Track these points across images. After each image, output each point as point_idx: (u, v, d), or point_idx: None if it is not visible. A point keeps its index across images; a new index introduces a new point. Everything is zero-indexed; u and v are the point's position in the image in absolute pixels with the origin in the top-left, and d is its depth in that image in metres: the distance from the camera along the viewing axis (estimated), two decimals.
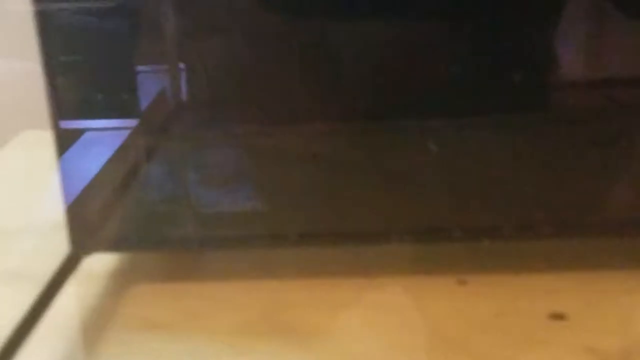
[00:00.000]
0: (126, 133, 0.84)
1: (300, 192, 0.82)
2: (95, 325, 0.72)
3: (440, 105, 0.79)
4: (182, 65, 0.82)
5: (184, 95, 0.83)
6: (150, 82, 0.82)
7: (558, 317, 0.69)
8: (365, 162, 0.82)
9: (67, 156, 0.80)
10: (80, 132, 0.82)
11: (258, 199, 0.83)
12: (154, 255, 0.83)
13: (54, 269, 0.77)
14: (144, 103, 0.82)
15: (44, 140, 0.79)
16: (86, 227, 0.81)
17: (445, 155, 0.81)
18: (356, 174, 0.82)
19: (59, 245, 0.79)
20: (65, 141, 0.80)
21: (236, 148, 0.85)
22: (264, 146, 0.85)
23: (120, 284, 0.78)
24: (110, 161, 0.84)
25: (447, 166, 0.81)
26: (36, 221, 0.87)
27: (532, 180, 0.80)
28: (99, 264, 0.80)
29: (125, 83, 0.80)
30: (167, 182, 0.86)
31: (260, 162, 0.85)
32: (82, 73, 0.78)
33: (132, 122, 0.83)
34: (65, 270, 0.79)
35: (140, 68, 0.80)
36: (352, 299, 0.73)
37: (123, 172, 0.85)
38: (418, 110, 0.79)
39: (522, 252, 0.78)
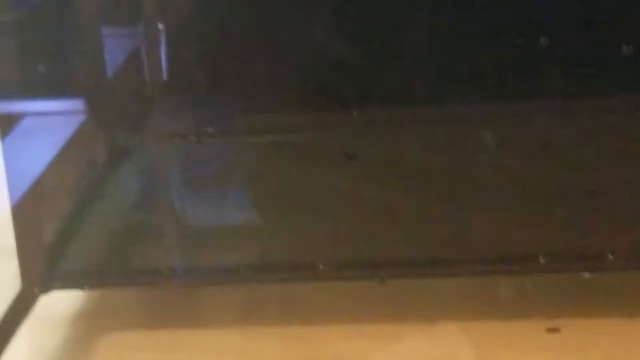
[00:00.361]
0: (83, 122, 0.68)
1: (332, 207, 0.68)
2: None
3: (521, 87, 0.66)
4: (162, 26, 0.67)
5: (165, 70, 0.68)
6: (118, 51, 0.67)
7: None
8: (417, 163, 0.68)
9: (11, 153, 0.64)
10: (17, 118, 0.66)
11: (269, 217, 0.68)
12: (130, 294, 0.71)
13: (2, 311, 0.64)
14: (110, 80, 0.67)
15: None
16: (43, 255, 0.67)
17: (523, 155, 0.67)
18: (404, 181, 0.68)
19: (6, 278, 0.67)
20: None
21: (240, 148, 0.71)
22: (277, 144, 0.70)
23: (87, 331, 0.67)
24: (67, 162, 0.69)
25: (526, 170, 0.67)
26: None
27: None
28: (59, 304, 0.69)
29: (80, 53, 0.65)
30: (145, 193, 0.71)
31: (272, 167, 0.70)
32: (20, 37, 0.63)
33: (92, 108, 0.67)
34: (16, 313, 0.64)
35: (103, 30, 0.66)
36: (402, 352, 0.63)
37: (88, 179, 0.70)
38: (484, 94, 0.66)
39: (637, 287, 0.66)
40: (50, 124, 0.67)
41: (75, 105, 0.67)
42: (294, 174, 0.70)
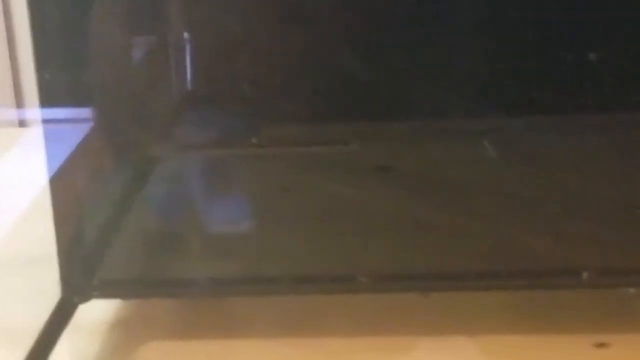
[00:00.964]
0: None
1: (369, 219, 0.66)
2: None
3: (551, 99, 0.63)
4: (187, 35, 0.64)
5: (190, 80, 0.66)
6: (142, 60, 0.64)
7: None
8: (453, 176, 0.66)
9: (55, 163, 0.62)
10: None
11: (305, 229, 0.67)
12: (167, 303, 0.70)
13: (45, 321, 0.62)
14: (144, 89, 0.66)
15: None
16: (83, 263, 0.65)
17: (565, 168, 0.65)
18: (441, 194, 0.66)
19: (46, 285, 0.65)
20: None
21: (273, 159, 0.69)
22: (308, 157, 0.68)
23: (125, 340, 0.66)
24: (103, 171, 0.67)
25: (568, 183, 0.65)
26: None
27: None
28: (96, 312, 0.67)
29: (109, 61, 0.62)
30: (182, 203, 0.69)
31: (304, 179, 0.69)
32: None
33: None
34: (56, 322, 0.63)
35: (126, 39, 0.63)
36: None
37: (125, 188, 0.69)
38: (525, 106, 0.64)
39: None
40: (86, 133, 0.65)
41: (109, 115, 0.65)
42: (329, 186, 0.68)
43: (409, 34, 0.63)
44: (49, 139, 0.62)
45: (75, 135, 0.65)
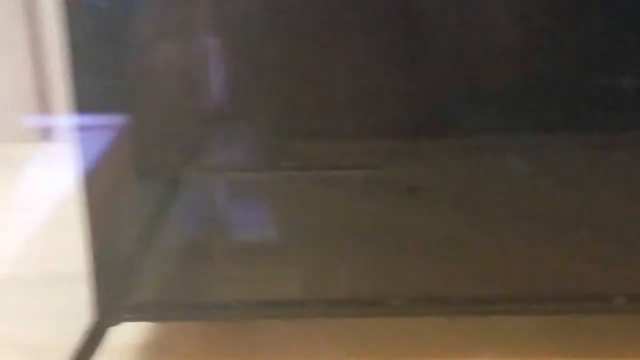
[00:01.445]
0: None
1: (402, 242, 0.65)
2: None
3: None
4: (219, 52, 0.63)
5: (223, 100, 0.65)
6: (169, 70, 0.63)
7: None
8: (484, 197, 0.65)
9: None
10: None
11: (336, 251, 0.66)
12: (193, 325, 0.69)
13: (76, 344, 0.62)
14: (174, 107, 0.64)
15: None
16: (116, 286, 0.65)
17: (598, 191, 0.63)
18: (467, 216, 0.65)
19: (76, 306, 0.65)
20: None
21: (302, 182, 0.67)
22: (338, 179, 0.67)
23: None
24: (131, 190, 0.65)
25: (603, 206, 0.63)
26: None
27: None
28: (125, 335, 0.67)
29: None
30: (210, 225, 0.68)
31: (334, 201, 0.67)
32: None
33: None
34: (88, 346, 0.63)
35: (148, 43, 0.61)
36: None
37: (155, 210, 0.67)
38: (559, 126, 0.63)
39: None
40: (118, 156, 0.65)
41: (144, 131, 0.64)
42: (359, 207, 0.68)
43: (440, 54, 0.63)
44: (81, 158, 0.61)
45: (106, 154, 0.64)
